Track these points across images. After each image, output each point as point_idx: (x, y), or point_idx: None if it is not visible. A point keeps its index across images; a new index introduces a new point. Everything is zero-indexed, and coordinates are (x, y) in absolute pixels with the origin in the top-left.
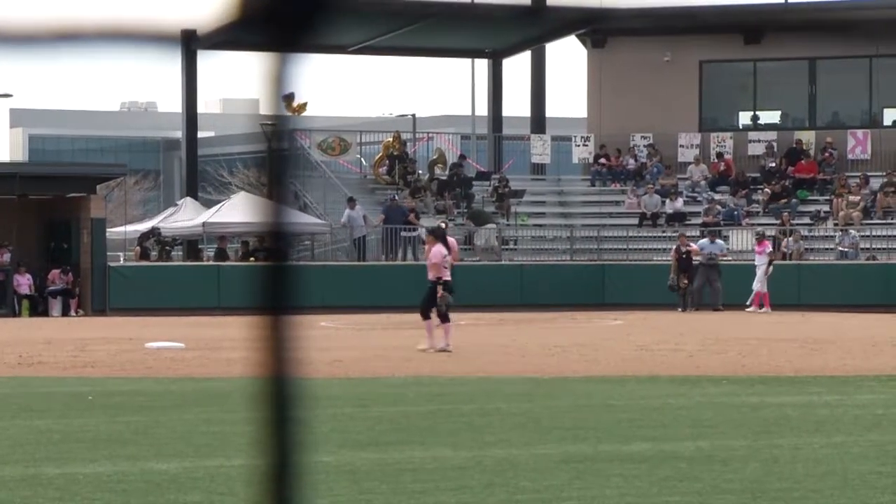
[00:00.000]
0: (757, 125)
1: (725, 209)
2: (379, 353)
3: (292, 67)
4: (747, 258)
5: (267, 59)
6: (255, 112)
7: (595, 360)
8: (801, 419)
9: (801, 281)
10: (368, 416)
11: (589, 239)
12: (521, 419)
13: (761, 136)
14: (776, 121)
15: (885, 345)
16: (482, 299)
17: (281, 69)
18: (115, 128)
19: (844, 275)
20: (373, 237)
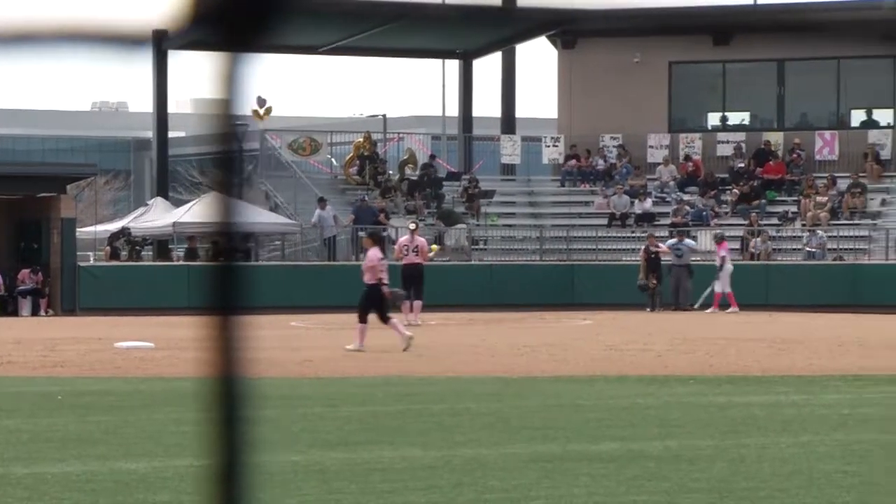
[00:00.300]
0: (725, 126)
1: (694, 210)
2: (349, 353)
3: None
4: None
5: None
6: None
7: (564, 360)
8: (767, 419)
9: (768, 281)
10: (338, 415)
11: (558, 239)
12: (490, 419)
13: (730, 137)
14: (745, 122)
15: (851, 345)
16: (452, 299)
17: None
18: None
19: (812, 275)
20: (343, 237)
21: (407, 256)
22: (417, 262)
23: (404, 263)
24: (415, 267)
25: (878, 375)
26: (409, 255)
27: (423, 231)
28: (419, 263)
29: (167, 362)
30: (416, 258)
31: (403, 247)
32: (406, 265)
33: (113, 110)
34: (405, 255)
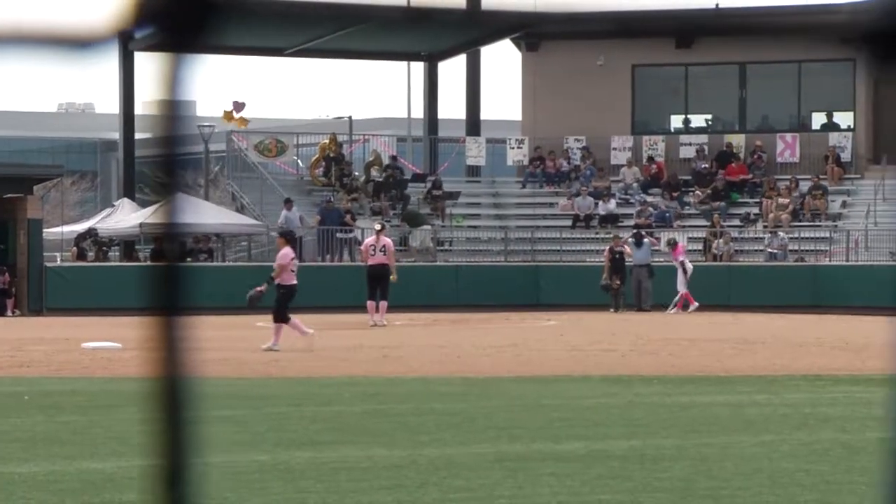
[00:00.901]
0: (688, 128)
1: (657, 211)
2: (315, 353)
3: (186, 69)
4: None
5: (161, 59)
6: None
7: (528, 361)
8: (730, 418)
9: (731, 282)
10: (304, 415)
11: (523, 240)
12: (455, 419)
13: (692, 140)
14: (707, 124)
15: (812, 345)
16: (417, 300)
17: (174, 70)
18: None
19: (773, 276)
20: (309, 238)
21: (373, 256)
22: (384, 262)
23: (370, 264)
24: (381, 267)
25: (839, 375)
26: (375, 255)
27: (388, 232)
28: (385, 264)
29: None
30: (382, 258)
31: (370, 247)
32: (372, 265)
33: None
34: (371, 256)
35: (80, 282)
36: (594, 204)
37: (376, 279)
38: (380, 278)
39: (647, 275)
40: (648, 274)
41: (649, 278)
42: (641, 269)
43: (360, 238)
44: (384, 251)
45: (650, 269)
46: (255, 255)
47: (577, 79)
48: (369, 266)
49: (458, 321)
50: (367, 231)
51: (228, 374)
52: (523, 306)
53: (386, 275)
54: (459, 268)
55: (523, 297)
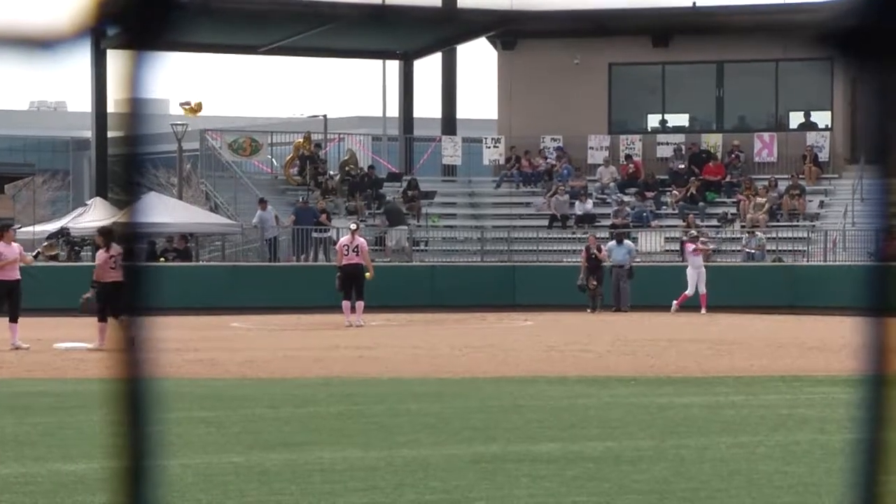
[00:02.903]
0: (665, 128)
1: (634, 211)
2: (290, 354)
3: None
4: (656, 260)
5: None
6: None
7: (505, 361)
8: (707, 419)
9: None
10: (279, 416)
11: (499, 240)
12: (431, 420)
13: (669, 139)
14: (684, 123)
15: (790, 346)
16: (393, 300)
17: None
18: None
19: (751, 276)
20: (284, 238)
21: (347, 256)
22: (358, 262)
23: (344, 263)
24: (355, 267)
25: (817, 376)
26: (349, 255)
27: (364, 231)
28: (360, 264)
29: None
30: (356, 258)
31: (344, 247)
32: (346, 265)
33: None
34: (346, 255)
35: (52, 282)
36: (571, 204)
37: (351, 279)
38: (354, 278)
39: (627, 276)
40: (628, 275)
41: (628, 279)
42: (621, 270)
43: (336, 238)
44: (357, 251)
45: (630, 271)
46: (229, 255)
47: (554, 77)
48: (343, 266)
49: (433, 322)
50: (343, 231)
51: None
52: (499, 307)
53: (360, 274)
54: (435, 268)
55: (499, 297)
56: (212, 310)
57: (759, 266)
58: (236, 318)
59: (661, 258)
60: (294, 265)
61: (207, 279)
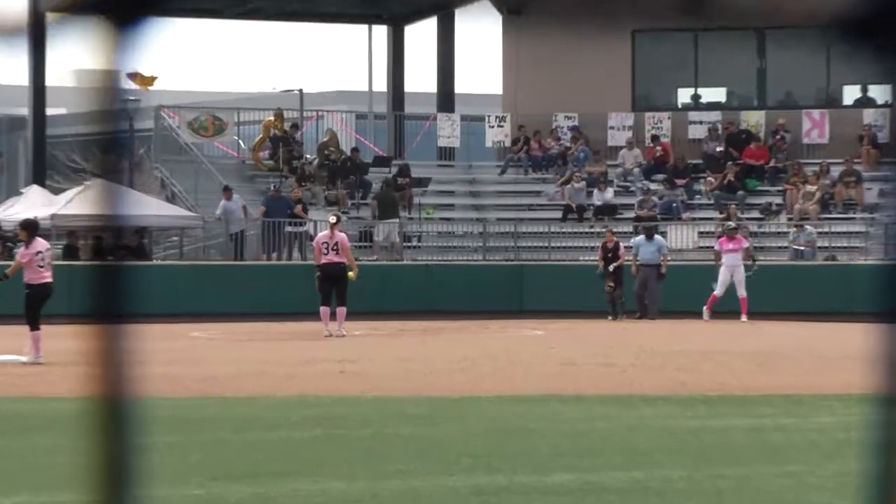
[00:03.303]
0: (698, 104)
1: (662, 201)
2: (259, 369)
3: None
4: (687, 258)
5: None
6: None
7: (511, 377)
8: (749, 445)
9: (749, 284)
10: (246, 442)
11: (505, 235)
12: (424, 445)
13: (703, 117)
14: (721, 99)
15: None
16: (380, 305)
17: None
18: None
19: (799, 277)
20: (252, 232)
21: (326, 255)
22: (339, 261)
23: (323, 262)
24: (336, 267)
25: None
26: (328, 254)
27: (347, 225)
28: (341, 263)
29: (47, 379)
30: (336, 257)
31: (322, 243)
32: (325, 265)
33: None
34: (324, 254)
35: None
36: (588, 193)
37: (331, 281)
38: (335, 280)
39: (656, 276)
40: (657, 276)
41: (658, 281)
42: (649, 270)
43: (313, 232)
44: (338, 248)
45: (660, 271)
46: (188, 253)
47: (568, 46)
48: (322, 266)
49: (427, 331)
50: (321, 224)
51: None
52: (505, 312)
53: (342, 275)
54: (429, 267)
55: (505, 301)
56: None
57: (809, 265)
58: (196, 327)
59: (694, 256)
60: (264, 264)
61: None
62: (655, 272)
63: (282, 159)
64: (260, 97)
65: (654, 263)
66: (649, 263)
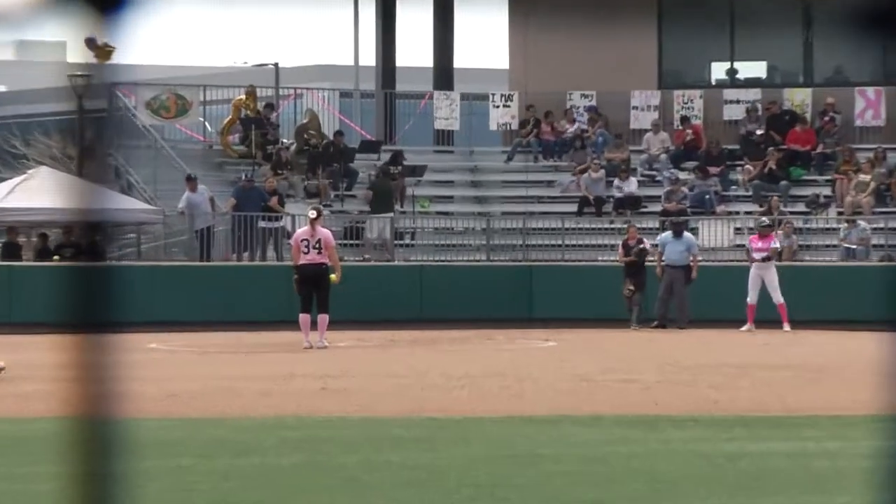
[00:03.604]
0: (735, 81)
1: (693, 192)
2: (228, 386)
3: None
4: (722, 258)
5: None
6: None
7: (519, 395)
8: (792, 473)
9: (793, 288)
10: (214, 469)
11: (511, 232)
12: (419, 474)
13: (741, 96)
14: (761, 75)
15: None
16: (369, 313)
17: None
18: None
19: (851, 280)
20: (221, 228)
21: (306, 254)
22: (320, 261)
23: (302, 263)
24: (317, 268)
25: None
26: (309, 253)
27: (330, 220)
28: (323, 263)
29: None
30: (318, 256)
31: (302, 241)
32: (305, 265)
33: None
34: (304, 253)
35: None
36: (608, 183)
37: (311, 284)
38: (316, 283)
39: (684, 280)
40: (686, 279)
41: (686, 284)
42: (676, 272)
43: (290, 228)
44: (319, 247)
45: (688, 273)
46: (146, 252)
47: (585, 15)
48: (301, 267)
49: (421, 342)
50: (300, 219)
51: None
52: (511, 321)
53: (324, 277)
54: (424, 269)
55: (511, 308)
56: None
57: (863, 266)
58: (155, 337)
59: (729, 256)
60: (234, 265)
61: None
62: (683, 274)
63: (254, 144)
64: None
65: (682, 265)
66: (676, 265)
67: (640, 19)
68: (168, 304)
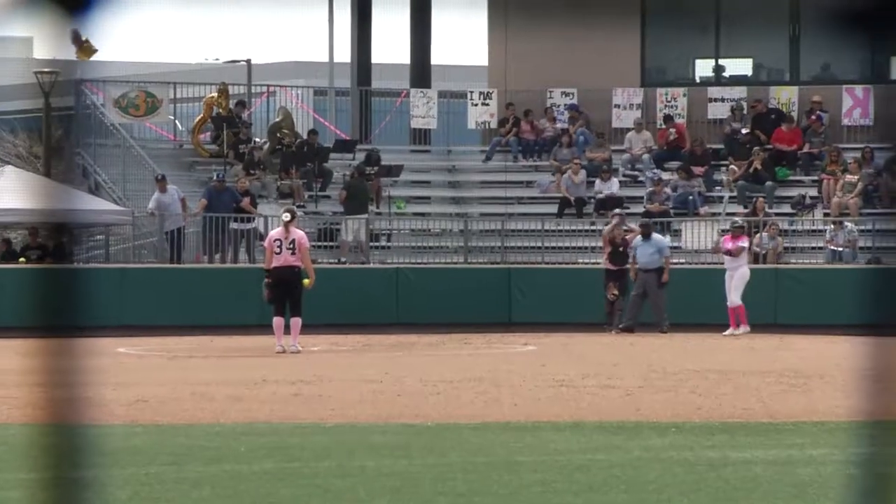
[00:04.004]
0: (720, 78)
1: (677, 193)
2: (198, 391)
3: None
4: (706, 261)
5: None
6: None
7: (497, 401)
8: (777, 481)
9: (778, 291)
10: (183, 477)
11: (490, 234)
12: (394, 482)
13: (726, 94)
14: (746, 72)
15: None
16: (344, 316)
17: None
18: None
19: (838, 283)
20: (191, 230)
21: (279, 256)
22: (294, 263)
23: (276, 266)
24: (290, 271)
25: None
26: (281, 254)
27: (304, 222)
28: (296, 266)
29: None
30: (292, 259)
31: (275, 242)
32: (278, 268)
33: None
34: (277, 254)
35: None
36: (589, 183)
37: (285, 288)
38: (289, 286)
39: (657, 283)
40: (658, 281)
41: (661, 288)
42: (649, 275)
43: (263, 230)
44: (293, 248)
45: (661, 275)
46: (114, 254)
47: (566, 10)
48: (274, 269)
49: (397, 346)
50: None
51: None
52: (490, 325)
53: (296, 281)
54: (400, 271)
55: (490, 311)
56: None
57: (850, 269)
58: (124, 341)
59: (714, 259)
60: (205, 267)
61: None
62: (656, 277)
63: (226, 143)
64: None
65: (654, 267)
66: (648, 268)
67: (623, 15)
68: (137, 307)
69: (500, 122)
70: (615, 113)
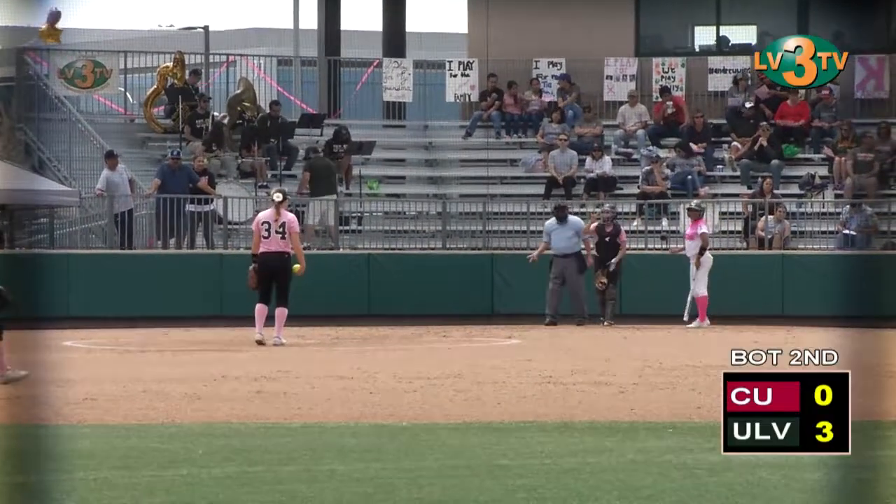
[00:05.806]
0: (721, 48)
1: (675, 173)
2: (152, 388)
3: None
4: None
5: None
6: None
7: (478, 399)
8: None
9: (785, 280)
10: (136, 482)
11: (471, 217)
12: (366, 487)
13: (728, 64)
14: (751, 41)
15: None
16: (311, 307)
17: None
18: None
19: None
20: (144, 212)
21: (268, 240)
22: (284, 249)
23: (264, 251)
24: (279, 258)
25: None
26: (271, 238)
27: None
28: (286, 252)
29: None
30: (282, 243)
31: (264, 225)
32: (265, 254)
33: None
34: (265, 238)
35: None
36: (580, 161)
37: (272, 274)
38: (277, 273)
39: (576, 269)
40: (578, 268)
41: (580, 274)
42: (567, 261)
43: (221, 212)
44: (283, 232)
45: (580, 261)
46: (59, 239)
47: None
48: (262, 255)
49: (370, 339)
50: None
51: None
52: (470, 316)
53: (286, 268)
54: (373, 258)
55: (471, 301)
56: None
57: (864, 255)
58: (71, 334)
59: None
60: (159, 253)
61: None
62: (575, 263)
63: (182, 118)
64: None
65: (572, 252)
66: (566, 252)
67: None
68: (85, 296)
69: (481, 95)
70: (607, 85)
